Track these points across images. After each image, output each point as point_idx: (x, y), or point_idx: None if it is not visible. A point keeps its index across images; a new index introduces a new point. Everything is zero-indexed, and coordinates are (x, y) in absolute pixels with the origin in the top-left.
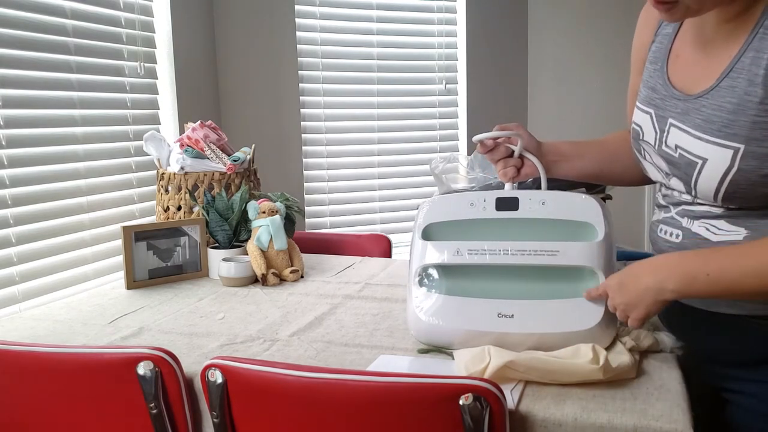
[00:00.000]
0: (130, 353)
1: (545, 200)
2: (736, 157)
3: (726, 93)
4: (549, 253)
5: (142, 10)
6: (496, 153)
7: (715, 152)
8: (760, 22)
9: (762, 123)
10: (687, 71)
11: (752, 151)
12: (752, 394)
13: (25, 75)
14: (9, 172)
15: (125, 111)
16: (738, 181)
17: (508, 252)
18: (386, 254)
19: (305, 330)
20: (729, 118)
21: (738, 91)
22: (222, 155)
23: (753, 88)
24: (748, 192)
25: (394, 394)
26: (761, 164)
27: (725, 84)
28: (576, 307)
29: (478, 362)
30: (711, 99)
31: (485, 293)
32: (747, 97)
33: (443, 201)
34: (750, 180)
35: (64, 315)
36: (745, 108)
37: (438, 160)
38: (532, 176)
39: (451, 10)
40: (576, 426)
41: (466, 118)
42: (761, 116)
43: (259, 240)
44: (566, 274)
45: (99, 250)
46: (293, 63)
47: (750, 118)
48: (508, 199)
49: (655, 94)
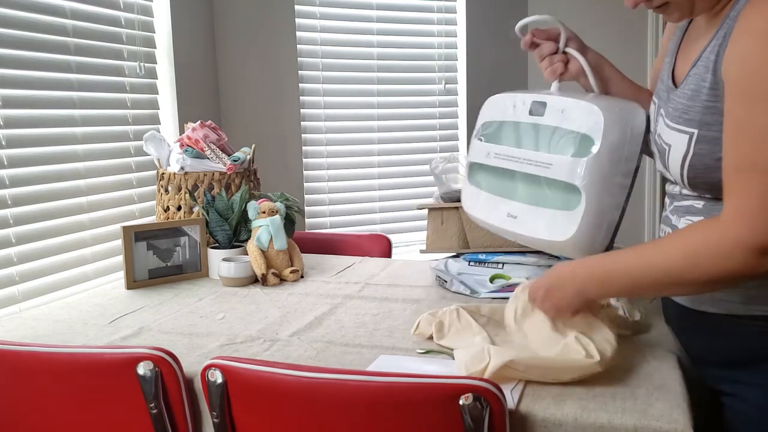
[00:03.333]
0: (130, 353)
1: (565, 108)
2: (691, 141)
3: (690, 81)
4: (543, 165)
5: (142, 10)
6: (544, 48)
7: (676, 138)
8: (728, 14)
9: (713, 108)
10: (683, 64)
11: (704, 135)
12: (744, 398)
13: (25, 75)
14: (9, 172)
15: (125, 111)
16: (695, 165)
17: (520, 159)
18: (386, 254)
19: (305, 330)
20: (687, 105)
21: (697, 78)
22: (222, 155)
23: (707, 74)
24: (707, 176)
25: (394, 394)
26: (713, 148)
27: (692, 73)
28: (558, 217)
29: (477, 362)
30: (681, 89)
31: (502, 192)
32: (702, 83)
33: (497, 100)
34: (705, 164)
35: (64, 315)
36: (700, 94)
37: (438, 160)
38: (578, 75)
39: (451, 10)
40: (576, 426)
41: (466, 118)
42: (711, 101)
43: (259, 240)
44: (557, 186)
45: (99, 250)
46: (293, 63)
47: (702, 104)
48: (539, 103)
49: (661, 85)
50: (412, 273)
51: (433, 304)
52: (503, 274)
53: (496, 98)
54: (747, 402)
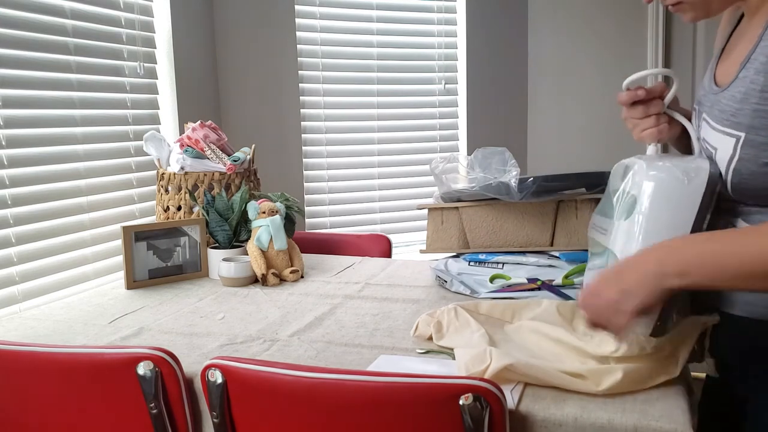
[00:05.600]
0: (130, 353)
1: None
2: (738, 145)
3: (739, 84)
4: (601, 230)
5: (142, 10)
6: (653, 107)
7: (722, 141)
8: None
9: (762, 111)
10: (726, 67)
11: (752, 139)
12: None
13: (25, 75)
14: (9, 172)
15: (125, 111)
16: (740, 171)
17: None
18: (386, 254)
19: (305, 330)
20: (736, 107)
21: (746, 81)
22: (222, 155)
23: (757, 76)
24: (751, 182)
25: (394, 394)
26: (759, 153)
27: (741, 75)
28: None
29: (478, 363)
30: (729, 91)
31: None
32: (752, 86)
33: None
34: (750, 169)
35: (64, 315)
36: (749, 96)
37: (438, 160)
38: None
39: (451, 10)
40: (576, 426)
41: (465, 118)
42: (761, 105)
43: (259, 240)
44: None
45: (99, 250)
46: (293, 63)
47: (752, 107)
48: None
49: (702, 90)
50: (412, 273)
51: (433, 304)
52: (503, 274)
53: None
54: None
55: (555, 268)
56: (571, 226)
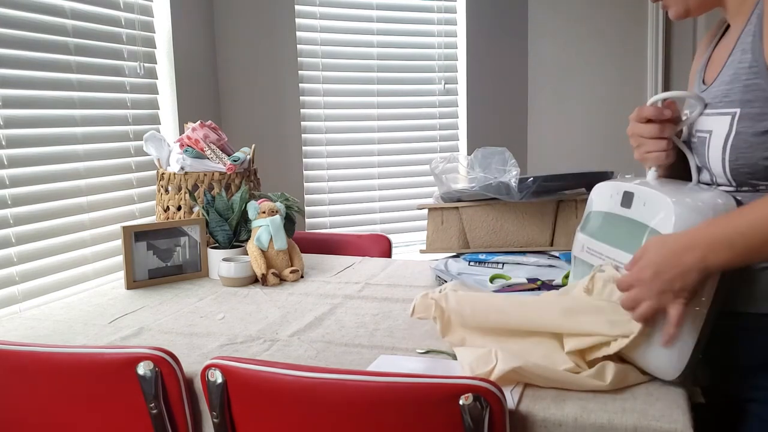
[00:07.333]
0: (130, 353)
1: (647, 201)
2: (734, 121)
3: (727, 69)
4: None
5: (142, 10)
6: (667, 130)
7: (717, 122)
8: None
9: (753, 85)
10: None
11: (747, 112)
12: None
13: (25, 75)
14: (9, 172)
15: (125, 111)
16: (737, 145)
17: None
18: (386, 254)
19: (305, 330)
20: (727, 88)
21: (735, 63)
22: (222, 155)
23: (744, 55)
24: (749, 154)
25: (394, 394)
26: (754, 123)
27: (729, 61)
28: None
29: (483, 364)
30: (718, 79)
31: None
32: (740, 65)
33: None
34: (748, 141)
35: (64, 315)
36: (739, 75)
37: (438, 160)
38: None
39: (451, 10)
40: (576, 426)
41: (465, 118)
42: (751, 78)
43: (259, 240)
44: None
45: (99, 250)
46: (293, 63)
47: (743, 83)
48: (629, 194)
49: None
50: (412, 273)
51: None
52: (503, 274)
53: (600, 186)
54: None
55: (555, 268)
56: (571, 226)
